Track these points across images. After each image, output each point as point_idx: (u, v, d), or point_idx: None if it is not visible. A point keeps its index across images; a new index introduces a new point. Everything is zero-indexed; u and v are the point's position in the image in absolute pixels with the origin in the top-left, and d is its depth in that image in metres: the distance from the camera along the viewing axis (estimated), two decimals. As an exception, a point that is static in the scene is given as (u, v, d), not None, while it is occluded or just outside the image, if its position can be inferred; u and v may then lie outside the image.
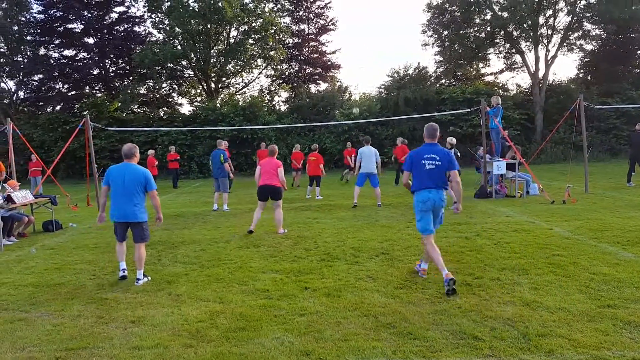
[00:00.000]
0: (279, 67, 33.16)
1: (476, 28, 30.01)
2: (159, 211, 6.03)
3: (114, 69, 32.00)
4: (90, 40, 30.70)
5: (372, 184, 11.55)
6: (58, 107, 30.64)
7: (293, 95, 33.21)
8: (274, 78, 34.48)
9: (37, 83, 30.74)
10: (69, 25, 30.22)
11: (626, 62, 29.47)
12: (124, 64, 31.51)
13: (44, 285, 5.80)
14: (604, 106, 22.23)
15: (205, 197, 15.37)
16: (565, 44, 28.70)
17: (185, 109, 51.83)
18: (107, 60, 31.04)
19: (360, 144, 13.24)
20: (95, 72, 31.16)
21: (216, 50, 29.77)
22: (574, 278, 5.23)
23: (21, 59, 30.00)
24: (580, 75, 31.42)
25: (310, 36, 34.57)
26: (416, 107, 26.17)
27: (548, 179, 16.15)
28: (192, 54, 28.77)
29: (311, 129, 26.66)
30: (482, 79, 32.99)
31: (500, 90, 29.32)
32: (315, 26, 34.58)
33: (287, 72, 34.92)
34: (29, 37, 29.67)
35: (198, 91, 33.57)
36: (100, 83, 31.82)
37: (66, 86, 31.33)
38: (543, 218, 9.04)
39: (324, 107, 27.66)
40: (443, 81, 32.55)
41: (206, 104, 28.43)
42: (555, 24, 28.11)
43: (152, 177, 5.96)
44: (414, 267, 5.82)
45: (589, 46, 30.04)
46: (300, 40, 34.21)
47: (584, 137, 13.32)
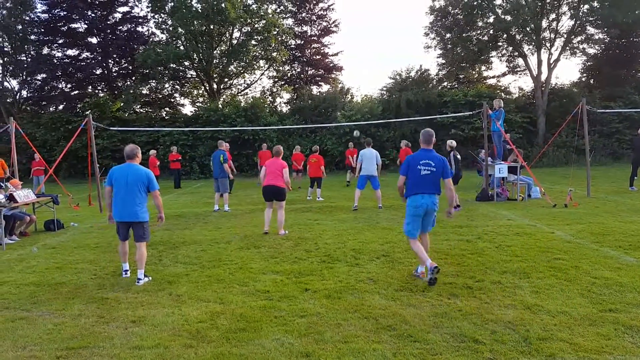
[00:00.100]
0: (281, 68, 33.19)
1: (479, 31, 30.00)
2: (161, 211, 6.12)
3: (117, 68, 32.04)
4: (94, 40, 30.78)
5: (373, 186, 11.56)
6: (61, 107, 30.70)
7: (295, 97, 33.23)
8: (276, 79, 34.52)
9: (40, 82, 30.80)
10: (73, 25, 30.28)
11: (629, 66, 29.44)
12: (126, 64, 31.55)
13: (45, 285, 5.81)
14: (607, 110, 22.21)
15: (207, 197, 15.38)
16: (568, 48, 28.69)
17: (187, 109, 51.79)
18: (110, 60, 31.08)
19: (362, 146, 13.24)
20: (98, 72, 31.21)
21: (219, 51, 29.81)
22: (576, 282, 5.22)
23: (25, 58, 30.08)
24: (583, 79, 31.39)
25: (312, 38, 34.60)
26: (418, 109, 26.16)
27: (550, 183, 16.13)
28: (195, 55, 28.80)
29: (313, 130, 26.67)
30: (484, 81, 32.98)
31: (502, 94, 29.27)
32: (318, 28, 34.62)
33: (289, 74, 34.95)
34: (32, 37, 29.74)
35: (200, 92, 33.62)
36: (103, 83, 31.87)
37: (69, 86, 31.37)
38: (545, 221, 9.03)
39: (326, 108, 27.67)
40: (445, 84, 32.53)
41: (208, 104, 28.44)
42: (558, 28, 28.14)
43: (155, 178, 6.01)
44: (412, 272, 5.80)
45: (592, 50, 30.07)
46: (302, 42, 34.23)
47: (586, 140, 13.31)
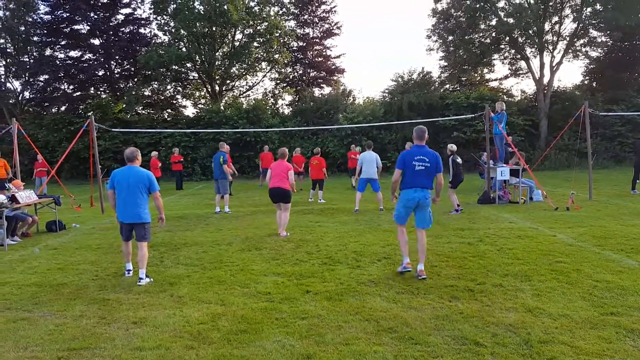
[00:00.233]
0: (283, 70, 33.23)
1: (481, 34, 29.99)
2: (162, 212, 6.25)
3: (119, 70, 32.08)
4: (96, 42, 30.82)
5: (374, 189, 11.58)
6: (63, 108, 30.70)
7: (297, 99, 33.25)
8: (278, 81, 34.54)
9: (42, 83, 30.82)
10: (75, 27, 30.31)
11: (632, 69, 29.41)
12: (129, 66, 31.59)
13: (46, 285, 5.82)
14: (609, 113, 22.18)
15: (208, 199, 15.39)
16: (570, 51, 28.65)
17: (190, 111, 51.77)
18: (112, 62, 31.12)
19: (363, 148, 13.26)
20: (100, 74, 31.23)
21: (221, 53, 29.86)
22: (577, 285, 5.21)
23: (27, 60, 30.14)
24: (586, 82, 31.35)
25: (314, 40, 34.63)
26: (420, 112, 26.16)
27: (552, 186, 16.11)
28: (197, 57, 28.84)
29: (314, 132, 26.68)
30: (486, 84, 32.95)
31: (504, 96, 29.26)
32: (320, 30, 34.66)
33: (291, 76, 34.97)
34: (35, 38, 29.81)
35: (202, 93, 33.66)
36: (105, 84, 31.92)
37: (71, 87, 31.40)
38: (546, 224, 9.02)
39: (328, 110, 27.69)
40: (447, 86, 32.52)
41: (210, 106, 28.49)
42: (561, 31, 28.11)
43: (155, 179, 6.12)
44: (397, 270, 5.96)
45: (595, 53, 30.04)
46: (304, 44, 34.25)
47: (589, 144, 13.28)
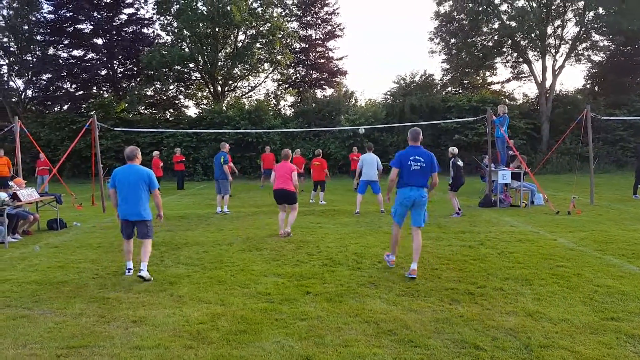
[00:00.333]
0: (285, 71, 33.25)
1: (484, 37, 30.02)
2: (160, 209, 6.35)
3: (122, 70, 32.14)
4: (99, 41, 30.88)
5: (374, 191, 11.57)
6: (65, 107, 30.78)
7: (299, 100, 33.28)
8: (280, 82, 34.58)
9: (45, 82, 30.92)
10: (79, 26, 30.40)
11: (634, 73, 29.40)
12: (131, 65, 31.64)
13: (47, 283, 5.82)
14: (611, 117, 22.15)
15: (209, 199, 15.40)
16: (573, 55, 28.67)
17: (192, 111, 52.00)
18: (115, 61, 31.18)
19: (364, 150, 13.25)
20: (103, 73, 31.31)
21: (223, 54, 29.90)
22: (578, 290, 5.20)
23: (30, 58, 30.21)
24: (588, 86, 31.34)
25: (317, 41, 34.67)
26: (422, 114, 26.17)
27: (553, 190, 16.09)
28: (200, 57, 28.89)
29: (316, 133, 26.68)
30: (488, 87, 32.96)
31: (506, 99, 29.25)
32: (323, 32, 34.70)
33: (293, 77, 34.99)
34: (38, 37, 29.89)
35: (204, 94, 33.70)
36: (108, 84, 31.98)
37: (74, 86, 31.48)
38: (547, 228, 9.00)
39: (330, 112, 27.71)
40: (449, 89, 32.53)
41: (212, 106, 28.51)
42: (564, 35, 28.11)
43: (155, 177, 6.22)
44: (384, 256, 6.51)
45: (597, 57, 30.03)
46: (307, 46, 34.30)
47: (590, 148, 13.27)
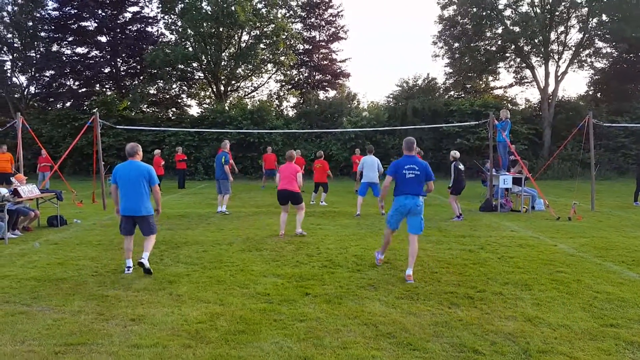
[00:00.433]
0: (288, 72, 33.26)
1: (487, 41, 30.01)
2: (159, 204, 6.47)
3: (125, 68, 32.16)
4: (103, 39, 30.92)
5: (375, 193, 11.58)
6: (68, 104, 30.84)
7: (301, 101, 33.29)
8: (283, 83, 34.59)
9: (48, 79, 30.97)
10: (83, 23, 30.46)
11: (637, 81, 29.38)
12: (135, 64, 31.67)
13: (46, 280, 5.82)
14: (613, 124, 22.14)
15: (210, 198, 15.40)
16: (576, 61, 28.67)
17: (194, 110, 52.00)
18: (118, 59, 31.20)
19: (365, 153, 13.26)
20: (106, 71, 31.35)
21: (227, 54, 29.92)
22: (577, 295, 5.19)
23: (34, 55, 30.25)
24: (590, 93, 31.32)
25: (321, 43, 34.69)
26: (424, 117, 26.17)
27: (554, 195, 16.08)
28: (203, 56, 28.90)
29: (318, 135, 26.69)
30: (491, 92, 32.94)
31: (509, 104, 29.24)
32: (327, 33, 34.72)
33: (296, 78, 35.01)
34: (42, 34, 29.93)
35: (207, 93, 33.70)
36: (111, 81, 32.01)
37: (77, 83, 31.52)
38: (548, 234, 9.00)
39: (332, 114, 27.71)
40: (452, 93, 32.52)
41: (215, 106, 28.52)
42: (567, 41, 28.13)
43: (155, 172, 6.34)
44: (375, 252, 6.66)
45: (600, 64, 30.02)
46: (310, 47, 34.32)
47: (592, 154, 13.27)
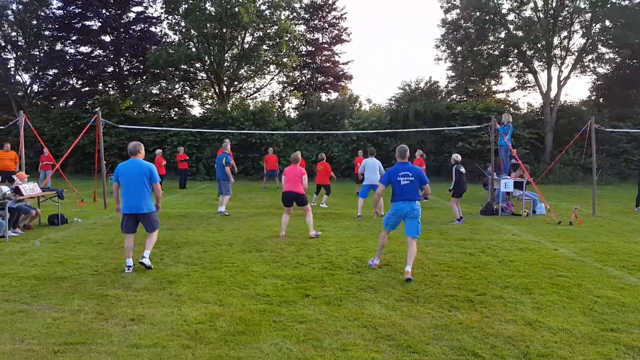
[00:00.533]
0: (291, 74, 33.26)
1: (490, 45, 29.98)
2: (159, 201, 6.56)
3: (128, 67, 32.20)
4: (107, 38, 30.97)
5: (376, 196, 11.55)
6: (71, 103, 30.85)
7: (303, 103, 33.31)
8: (286, 85, 34.63)
9: (51, 77, 31.02)
10: (87, 23, 30.50)
11: (639, 86, 29.33)
12: (138, 63, 31.71)
13: (46, 279, 5.83)
14: (615, 129, 22.12)
15: (211, 199, 15.40)
16: (578, 66, 28.62)
17: (196, 110, 51.94)
18: (122, 59, 31.23)
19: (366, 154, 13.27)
20: (109, 70, 31.38)
21: (230, 55, 29.96)
22: (578, 300, 5.18)
23: (38, 53, 30.31)
24: (593, 98, 31.28)
25: (323, 45, 34.72)
26: (426, 120, 26.16)
27: (556, 200, 16.05)
28: (206, 57, 28.93)
29: (320, 137, 26.69)
30: (493, 96, 32.90)
31: (511, 109, 29.21)
32: (330, 36, 34.76)
33: (299, 80, 35.05)
34: (46, 32, 29.98)
35: (210, 94, 33.74)
36: (114, 81, 32.06)
37: (80, 82, 31.57)
38: (549, 238, 8.98)
39: (334, 115, 27.72)
40: (454, 96, 32.49)
41: (217, 106, 28.55)
42: (570, 46, 28.07)
43: (156, 170, 6.43)
44: (368, 261, 6.66)
45: (603, 69, 29.99)
46: (313, 49, 34.33)
47: (594, 159, 13.25)
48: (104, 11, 29.99)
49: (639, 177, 14.05)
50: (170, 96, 32.72)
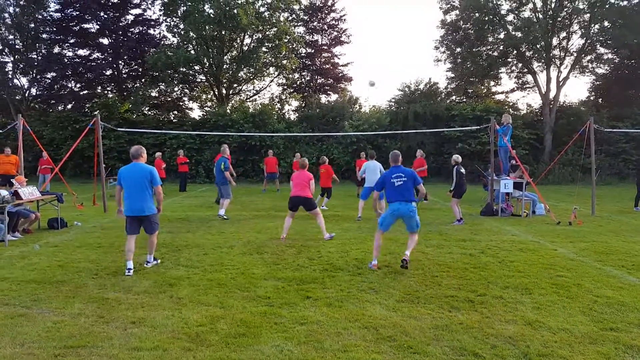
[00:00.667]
0: (290, 76, 33.32)
1: (489, 46, 30.02)
2: (160, 203, 6.66)
3: (127, 70, 32.21)
4: (105, 41, 30.98)
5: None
6: (69, 106, 30.85)
7: (303, 105, 33.33)
8: (285, 87, 34.66)
9: (49, 81, 31.01)
10: (85, 25, 30.52)
11: (638, 86, 29.35)
12: (137, 66, 31.72)
13: (46, 282, 5.82)
14: (614, 130, 22.14)
15: (211, 202, 15.40)
16: (577, 67, 28.67)
17: (196, 113, 52.11)
18: (120, 62, 31.26)
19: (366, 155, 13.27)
20: (108, 73, 31.38)
21: (229, 57, 29.99)
22: (577, 299, 5.19)
23: (35, 57, 30.33)
24: (591, 98, 31.31)
25: (323, 47, 34.78)
26: (425, 122, 26.19)
27: (555, 200, 16.07)
28: (205, 59, 28.96)
29: (320, 138, 26.71)
30: (492, 97, 32.93)
31: (510, 109, 29.23)
32: (329, 37, 34.82)
33: (298, 82, 35.09)
34: (44, 35, 30.03)
35: (209, 96, 33.75)
36: (113, 84, 32.07)
37: (78, 85, 31.56)
38: (548, 238, 8.99)
39: (334, 117, 27.72)
40: (453, 97, 32.52)
41: (216, 109, 28.56)
42: (569, 46, 28.14)
43: (157, 173, 6.53)
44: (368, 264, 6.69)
45: (601, 70, 30.02)
46: (313, 51, 34.39)
47: (593, 159, 13.27)
48: (102, 14, 30.02)
49: (638, 176, 14.06)
50: (169, 99, 32.74)
